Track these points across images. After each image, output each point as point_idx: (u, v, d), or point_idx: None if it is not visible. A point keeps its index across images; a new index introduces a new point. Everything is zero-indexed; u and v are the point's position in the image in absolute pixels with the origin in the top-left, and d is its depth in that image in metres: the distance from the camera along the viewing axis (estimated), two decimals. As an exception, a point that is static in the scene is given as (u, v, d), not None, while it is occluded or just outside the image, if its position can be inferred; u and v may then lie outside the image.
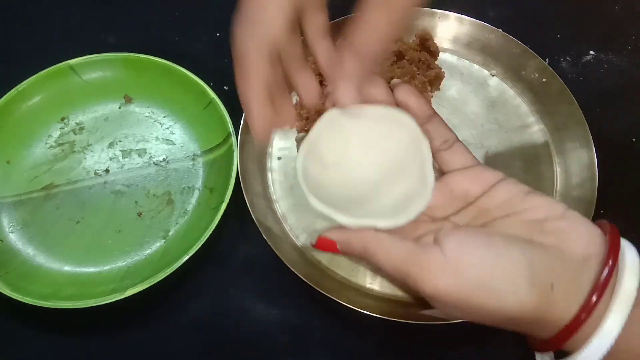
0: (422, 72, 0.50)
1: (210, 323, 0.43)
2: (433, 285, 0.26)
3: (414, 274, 0.27)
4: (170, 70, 0.50)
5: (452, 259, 0.26)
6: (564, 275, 0.26)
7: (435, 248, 0.27)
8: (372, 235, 0.29)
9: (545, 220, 0.28)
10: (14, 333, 0.43)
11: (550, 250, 0.27)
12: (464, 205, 0.31)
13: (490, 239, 0.27)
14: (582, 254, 0.27)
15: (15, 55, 0.56)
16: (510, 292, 0.26)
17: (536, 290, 0.26)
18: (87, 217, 0.47)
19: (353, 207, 0.31)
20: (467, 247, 0.27)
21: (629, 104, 0.54)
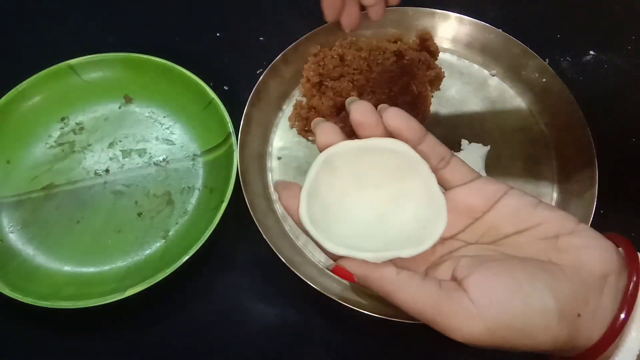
0: (422, 72, 0.50)
1: (211, 323, 0.43)
2: (463, 333, 0.26)
3: (442, 323, 0.27)
4: (170, 70, 0.50)
5: (480, 304, 0.26)
6: (586, 300, 0.26)
7: (460, 294, 0.27)
8: (394, 278, 0.28)
9: (558, 237, 0.28)
10: (14, 333, 0.43)
11: (570, 275, 0.27)
12: (471, 221, 0.31)
13: (512, 275, 0.27)
14: (600, 272, 0.27)
15: (15, 55, 0.56)
16: (542, 329, 0.26)
17: (565, 322, 0.26)
18: (87, 217, 0.47)
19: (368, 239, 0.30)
20: (493, 289, 0.26)
21: (629, 104, 0.54)
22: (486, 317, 0.26)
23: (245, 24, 0.58)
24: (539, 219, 0.29)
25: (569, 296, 0.26)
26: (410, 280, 0.28)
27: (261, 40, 0.57)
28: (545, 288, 0.26)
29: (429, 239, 0.29)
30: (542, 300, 0.26)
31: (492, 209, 0.30)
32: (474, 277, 0.27)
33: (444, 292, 0.27)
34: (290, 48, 0.50)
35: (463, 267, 0.28)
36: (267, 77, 0.49)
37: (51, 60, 0.50)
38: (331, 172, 0.31)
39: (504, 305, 0.26)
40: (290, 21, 0.57)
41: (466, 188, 0.31)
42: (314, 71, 0.49)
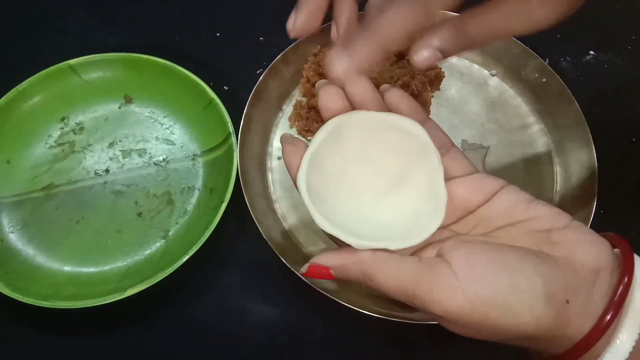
0: (422, 72, 0.50)
1: (210, 323, 0.43)
2: (444, 306, 0.25)
3: (421, 295, 0.25)
4: (170, 70, 0.50)
5: (463, 277, 0.25)
6: (577, 289, 0.26)
7: (442, 265, 0.26)
8: (369, 257, 0.27)
9: (551, 230, 0.28)
10: (14, 333, 0.43)
11: (562, 264, 0.26)
12: (465, 214, 0.30)
13: (500, 253, 0.26)
14: (592, 267, 0.26)
15: (15, 55, 0.56)
16: (526, 309, 0.25)
17: (552, 307, 0.25)
18: (87, 217, 0.47)
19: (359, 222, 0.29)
20: (478, 263, 0.25)
21: (629, 104, 0.54)
22: (468, 291, 0.25)
23: (245, 24, 0.58)
24: (533, 213, 0.28)
25: (558, 282, 0.25)
26: (388, 258, 0.27)
27: (261, 40, 0.57)
28: (534, 269, 0.25)
29: (420, 234, 0.28)
30: (530, 280, 0.25)
31: (487, 204, 0.29)
32: (459, 251, 0.26)
33: (425, 265, 0.26)
34: (290, 48, 0.50)
35: (448, 245, 0.27)
36: (267, 77, 0.49)
37: (51, 60, 0.50)
38: (339, 141, 0.30)
39: (488, 279, 0.25)
40: (290, 21, 0.57)
41: (463, 181, 0.30)
42: (314, 71, 0.49)
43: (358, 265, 0.27)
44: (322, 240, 0.45)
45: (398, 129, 0.30)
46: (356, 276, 0.27)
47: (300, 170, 0.29)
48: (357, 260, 0.27)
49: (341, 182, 0.30)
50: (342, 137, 0.30)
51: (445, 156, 0.31)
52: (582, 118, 0.47)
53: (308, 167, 0.29)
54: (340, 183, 0.30)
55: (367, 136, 0.30)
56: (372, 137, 0.30)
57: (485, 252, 0.26)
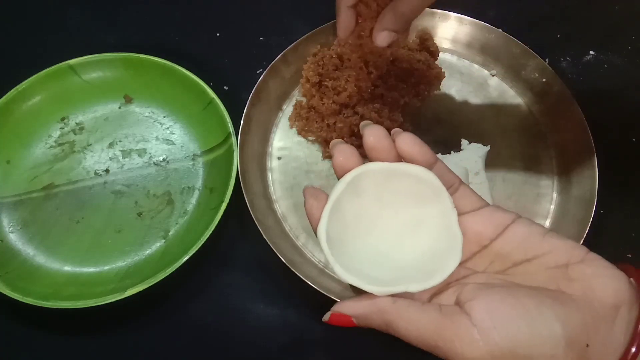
0: (422, 72, 0.50)
1: (210, 323, 0.43)
2: (465, 358, 0.25)
3: (443, 347, 0.26)
4: (170, 70, 0.50)
5: (482, 329, 0.25)
6: (596, 329, 0.26)
7: (462, 317, 0.26)
8: (390, 307, 0.27)
9: (568, 265, 0.28)
10: (14, 333, 0.43)
11: (580, 304, 0.26)
12: (479, 249, 0.30)
13: (519, 300, 0.26)
14: (611, 303, 0.26)
15: (15, 55, 0.56)
16: (548, 357, 0.25)
17: (573, 351, 0.25)
18: (87, 217, 0.47)
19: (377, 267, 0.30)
20: (497, 313, 0.25)
21: (629, 104, 0.54)
22: (489, 342, 0.25)
23: (245, 24, 0.58)
24: (548, 247, 0.28)
25: (578, 325, 0.25)
26: (409, 307, 0.27)
27: (261, 40, 0.57)
28: (553, 315, 0.25)
29: (439, 274, 0.28)
30: (550, 327, 0.25)
31: (500, 237, 0.30)
32: (477, 300, 0.26)
33: (445, 316, 0.26)
34: (290, 48, 0.50)
35: (467, 292, 0.27)
36: (267, 77, 0.49)
37: (51, 60, 0.50)
38: (355, 192, 0.31)
39: (508, 329, 0.25)
40: (290, 21, 0.57)
41: (474, 215, 0.31)
42: (314, 71, 0.49)
43: (380, 314, 0.28)
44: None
45: (411, 176, 0.31)
46: (378, 325, 0.28)
47: (321, 222, 0.30)
48: (379, 309, 0.28)
49: (359, 229, 0.31)
50: (359, 187, 0.31)
51: (455, 194, 0.31)
52: (582, 118, 0.47)
53: (328, 220, 0.30)
54: (358, 230, 0.31)
55: (382, 184, 0.31)
56: (387, 185, 0.31)
57: (504, 300, 0.26)
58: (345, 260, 0.29)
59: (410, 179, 0.31)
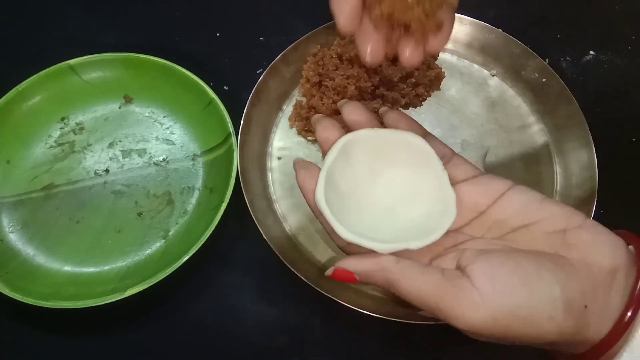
0: (422, 72, 0.50)
1: (210, 323, 0.43)
2: (466, 321, 0.26)
3: (444, 309, 0.26)
4: (170, 70, 0.50)
5: (484, 292, 0.25)
6: (594, 292, 0.26)
7: (463, 280, 0.26)
8: (393, 266, 0.28)
9: (566, 231, 0.28)
10: (14, 333, 0.43)
11: (578, 268, 0.26)
12: (476, 215, 0.30)
13: (518, 264, 0.26)
14: (609, 267, 0.27)
15: (15, 55, 0.56)
16: (547, 319, 0.25)
17: (572, 313, 0.25)
18: (87, 217, 0.47)
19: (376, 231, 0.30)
20: (498, 277, 0.26)
21: (629, 104, 0.54)
22: (490, 305, 0.25)
23: (245, 24, 0.58)
24: (546, 212, 0.29)
25: (576, 288, 0.26)
26: (412, 268, 0.28)
27: (261, 40, 0.57)
28: (552, 278, 0.26)
29: (437, 231, 0.29)
30: (549, 290, 0.25)
31: (497, 204, 0.30)
32: (478, 264, 0.27)
33: (447, 280, 0.27)
34: (290, 48, 0.50)
35: (467, 257, 0.28)
36: (267, 77, 0.49)
37: (51, 60, 0.50)
38: (347, 159, 0.31)
39: (508, 292, 0.25)
40: (290, 21, 0.57)
41: (470, 184, 0.31)
42: (314, 71, 0.49)
43: (382, 272, 0.28)
44: (322, 240, 0.45)
45: (401, 142, 0.31)
46: (380, 282, 0.28)
47: (318, 188, 0.30)
48: (382, 267, 0.28)
49: (355, 199, 0.32)
50: (350, 155, 0.32)
51: (448, 164, 0.32)
52: (582, 118, 0.47)
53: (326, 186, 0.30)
54: (354, 199, 0.32)
55: (373, 152, 0.32)
56: (378, 152, 0.32)
57: (504, 264, 0.26)
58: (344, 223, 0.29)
59: (401, 145, 0.31)
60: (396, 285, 0.28)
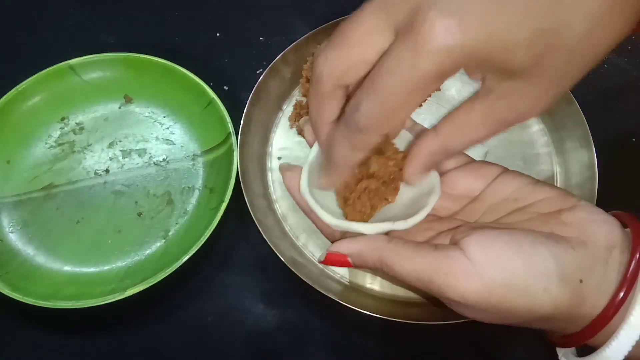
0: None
1: (210, 323, 0.43)
2: (460, 291, 0.25)
3: (438, 282, 0.26)
4: (170, 70, 0.50)
5: (478, 262, 0.25)
6: (591, 268, 0.26)
7: (457, 252, 0.26)
8: (385, 245, 0.28)
9: (560, 211, 0.28)
10: (14, 333, 0.43)
11: (574, 244, 0.26)
12: (469, 201, 0.30)
13: (513, 237, 0.26)
14: (604, 245, 0.26)
15: (15, 55, 0.56)
16: (542, 291, 0.25)
17: (567, 286, 0.25)
18: (87, 217, 0.47)
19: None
20: (493, 248, 0.26)
21: (629, 104, 0.54)
22: (484, 275, 0.25)
23: (245, 24, 0.58)
24: (540, 195, 0.29)
25: (572, 262, 0.26)
26: (404, 245, 0.27)
27: (261, 40, 0.57)
28: (547, 251, 0.26)
29: (423, 210, 0.29)
30: (544, 261, 0.25)
31: (490, 188, 0.30)
32: (472, 237, 0.26)
33: (440, 252, 0.26)
34: (290, 48, 0.50)
35: (461, 231, 0.27)
36: (267, 77, 0.49)
37: (51, 60, 0.50)
38: None
39: (502, 263, 0.25)
40: (290, 21, 0.57)
41: (461, 170, 0.31)
42: (314, 71, 0.49)
43: (375, 252, 0.28)
44: (322, 240, 0.45)
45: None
46: (373, 263, 0.28)
47: (302, 180, 0.31)
48: (375, 247, 0.28)
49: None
50: None
51: None
52: (582, 118, 0.47)
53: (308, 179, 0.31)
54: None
55: None
56: None
57: (498, 236, 0.26)
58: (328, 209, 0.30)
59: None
60: (390, 263, 0.27)
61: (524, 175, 0.30)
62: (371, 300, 0.42)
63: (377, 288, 0.43)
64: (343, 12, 0.50)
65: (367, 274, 0.44)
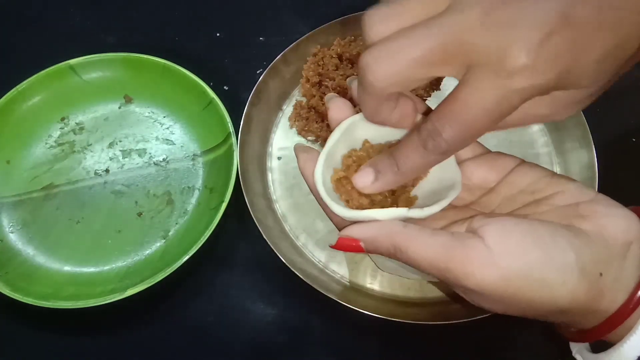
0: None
1: (210, 323, 0.43)
2: (477, 280, 0.25)
3: (453, 269, 0.25)
4: (170, 70, 0.50)
5: (496, 251, 0.24)
6: (609, 262, 0.26)
7: (475, 240, 0.25)
8: (400, 229, 0.27)
9: (578, 204, 0.27)
10: (14, 333, 0.43)
11: (593, 237, 0.26)
12: (484, 192, 0.30)
13: (532, 227, 0.25)
14: (623, 239, 0.26)
15: (15, 55, 0.56)
16: (561, 282, 0.25)
17: (586, 280, 0.25)
18: (87, 217, 0.47)
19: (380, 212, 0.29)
20: (512, 237, 0.25)
21: (629, 104, 0.53)
22: (502, 265, 0.24)
23: (245, 24, 0.58)
24: (557, 187, 0.28)
25: (591, 255, 0.25)
26: (420, 231, 0.26)
27: (261, 40, 0.57)
28: (567, 243, 0.25)
29: (440, 203, 0.28)
30: (563, 253, 0.25)
31: (506, 180, 0.29)
32: (491, 225, 0.26)
33: (457, 239, 0.26)
34: (290, 48, 0.50)
35: (478, 220, 0.27)
36: (267, 77, 0.49)
37: (51, 60, 0.50)
38: (350, 140, 0.31)
39: (522, 253, 0.25)
40: (290, 21, 0.57)
41: (477, 160, 0.31)
42: (314, 71, 0.49)
43: (389, 237, 0.27)
44: (323, 240, 0.45)
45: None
46: (387, 248, 0.27)
47: (317, 169, 0.30)
48: (389, 231, 0.27)
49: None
50: (354, 137, 0.31)
51: None
52: (582, 118, 0.47)
53: (324, 167, 0.30)
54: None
55: (378, 133, 0.31)
56: (382, 133, 0.31)
57: (518, 225, 0.26)
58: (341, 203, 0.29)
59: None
60: (403, 249, 0.26)
61: (541, 168, 0.29)
62: (371, 300, 0.42)
63: (377, 288, 0.43)
64: (343, 12, 0.51)
65: (367, 274, 0.44)
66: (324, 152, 0.30)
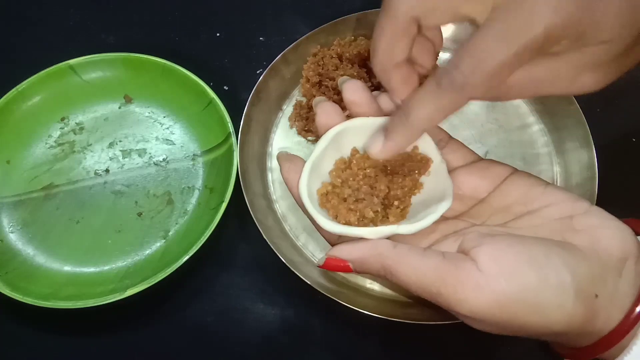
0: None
1: (210, 323, 0.43)
2: (470, 306, 0.24)
3: (445, 294, 0.24)
4: (170, 70, 0.50)
5: (489, 274, 0.23)
6: (604, 280, 0.25)
7: (467, 263, 0.24)
8: (390, 250, 0.26)
9: (572, 217, 0.26)
10: (14, 333, 0.43)
11: (588, 254, 0.25)
12: (475, 202, 0.29)
13: (526, 247, 0.25)
14: (618, 255, 0.25)
15: (15, 55, 0.56)
16: (556, 306, 0.24)
17: (582, 302, 0.24)
18: (87, 217, 0.47)
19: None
20: (505, 259, 0.24)
21: (629, 104, 0.53)
22: (496, 289, 0.23)
23: (245, 24, 0.58)
24: (551, 198, 0.27)
25: (587, 274, 0.24)
26: (410, 251, 0.25)
27: (261, 40, 0.57)
28: (562, 263, 0.24)
29: (430, 217, 0.27)
30: (558, 275, 0.24)
31: (499, 190, 0.29)
32: (484, 247, 0.25)
33: (449, 262, 0.25)
34: (290, 48, 0.50)
35: (471, 239, 0.26)
36: (267, 77, 0.49)
37: (51, 60, 0.50)
38: (338, 148, 0.30)
39: (516, 276, 0.24)
40: (290, 21, 0.57)
41: (468, 169, 0.30)
42: (314, 71, 0.49)
43: (379, 259, 0.26)
44: (322, 239, 0.45)
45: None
46: (376, 269, 0.26)
47: (302, 181, 0.29)
48: (377, 253, 0.26)
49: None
50: (342, 145, 0.30)
51: (445, 148, 0.31)
52: (582, 118, 0.47)
53: (309, 177, 0.29)
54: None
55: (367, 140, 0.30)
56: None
57: (511, 247, 0.25)
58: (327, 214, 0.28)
59: None
60: (394, 271, 0.25)
61: (534, 177, 0.29)
62: (371, 300, 0.42)
63: (377, 288, 0.43)
64: (343, 12, 0.50)
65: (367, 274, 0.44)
66: (310, 161, 0.29)
